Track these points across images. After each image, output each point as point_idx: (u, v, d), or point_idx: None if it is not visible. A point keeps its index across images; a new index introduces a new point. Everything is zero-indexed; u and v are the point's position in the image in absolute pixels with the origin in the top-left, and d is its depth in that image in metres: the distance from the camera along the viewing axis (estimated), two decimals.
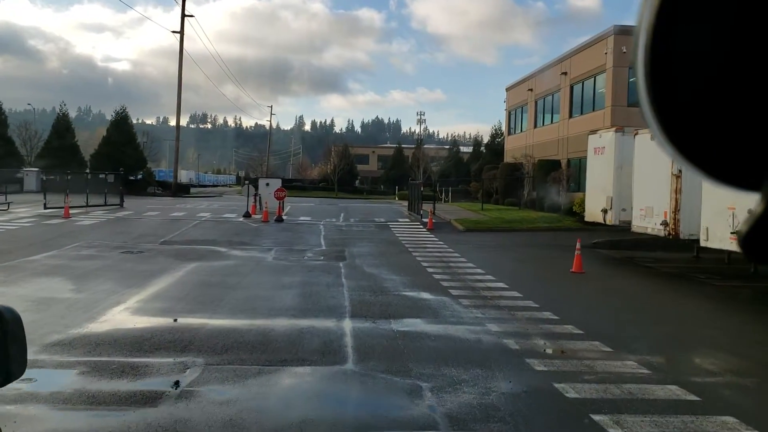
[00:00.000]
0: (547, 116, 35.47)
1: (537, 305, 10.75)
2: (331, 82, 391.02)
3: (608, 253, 19.30)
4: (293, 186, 74.56)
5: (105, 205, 29.78)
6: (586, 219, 19.79)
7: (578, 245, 15.05)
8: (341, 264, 15.31)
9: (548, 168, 30.37)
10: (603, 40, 27.15)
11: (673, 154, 0.50)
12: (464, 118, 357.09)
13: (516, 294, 11.74)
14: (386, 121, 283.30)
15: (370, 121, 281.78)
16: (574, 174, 28.04)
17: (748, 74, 0.47)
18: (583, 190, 28.77)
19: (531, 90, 37.08)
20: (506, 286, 12.54)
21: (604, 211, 17.62)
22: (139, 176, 52.50)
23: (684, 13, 0.48)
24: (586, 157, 29.20)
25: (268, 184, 29.61)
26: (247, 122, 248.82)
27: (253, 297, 10.97)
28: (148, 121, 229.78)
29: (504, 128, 43.29)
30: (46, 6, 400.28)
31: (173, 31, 49.96)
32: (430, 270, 14.57)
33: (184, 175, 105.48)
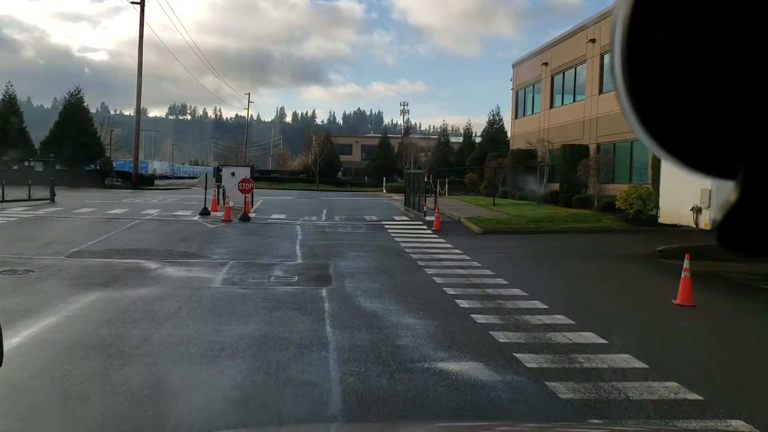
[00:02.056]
0: (568, 94, 30.23)
1: (700, 396, 5.63)
2: (312, 73, 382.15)
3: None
4: (271, 177, 69.17)
5: (29, 199, 24.10)
6: (661, 221, 14.68)
7: (686, 263, 9.89)
8: (324, 292, 10.07)
9: (573, 155, 25.21)
10: None
11: (651, 144, 0.51)
12: (446, 110, 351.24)
13: (635, 362, 6.61)
14: (368, 112, 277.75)
15: (352, 112, 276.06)
16: (608, 161, 22.88)
17: (724, 66, 0.48)
18: (620, 181, 23.79)
19: (546, 64, 31.75)
20: (604, 341, 7.41)
21: (696, 211, 12.52)
22: (96, 166, 46.78)
23: (662, 5, 0.48)
24: (621, 141, 24.35)
25: (233, 174, 24.17)
26: (228, 113, 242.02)
27: (150, 387, 5.66)
28: (126, 112, 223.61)
29: (510, 111, 38.07)
30: None
31: (132, 2, 44.10)
32: (462, 304, 9.37)
33: (158, 167, 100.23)
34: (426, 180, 22.11)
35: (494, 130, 52.65)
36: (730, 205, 0.49)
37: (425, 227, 20.19)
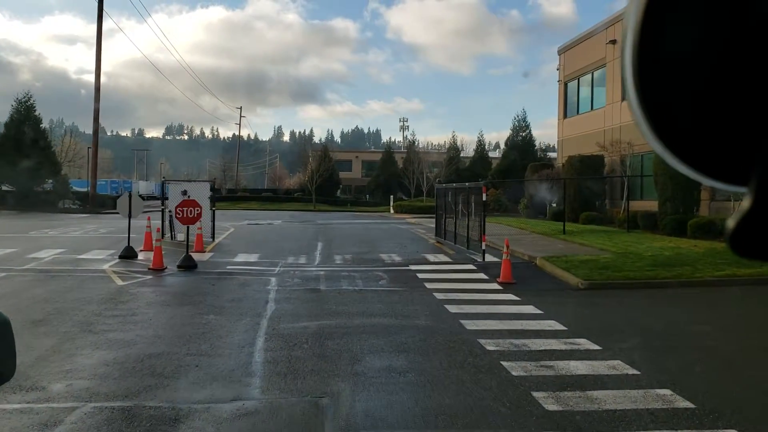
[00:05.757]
0: None
1: None
2: (309, 92, 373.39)
3: None
4: (263, 197, 61.82)
5: None
6: None
7: None
8: None
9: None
10: None
11: (662, 151, 0.51)
12: (443, 127, 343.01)
13: None
14: (366, 130, 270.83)
15: (350, 131, 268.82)
16: None
17: (735, 73, 0.48)
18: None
19: (614, 42, 24.14)
20: None
21: None
22: (47, 186, 39.16)
23: (672, 12, 0.48)
24: None
25: (186, 194, 16.45)
26: (225, 133, 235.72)
27: None
28: (123, 133, 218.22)
29: (557, 109, 30.28)
30: (15, 17, 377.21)
31: None
32: None
33: (144, 187, 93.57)
34: (484, 197, 14.13)
35: (520, 138, 45.00)
36: (744, 212, 0.49)
37: (483, 275, 12.37)
